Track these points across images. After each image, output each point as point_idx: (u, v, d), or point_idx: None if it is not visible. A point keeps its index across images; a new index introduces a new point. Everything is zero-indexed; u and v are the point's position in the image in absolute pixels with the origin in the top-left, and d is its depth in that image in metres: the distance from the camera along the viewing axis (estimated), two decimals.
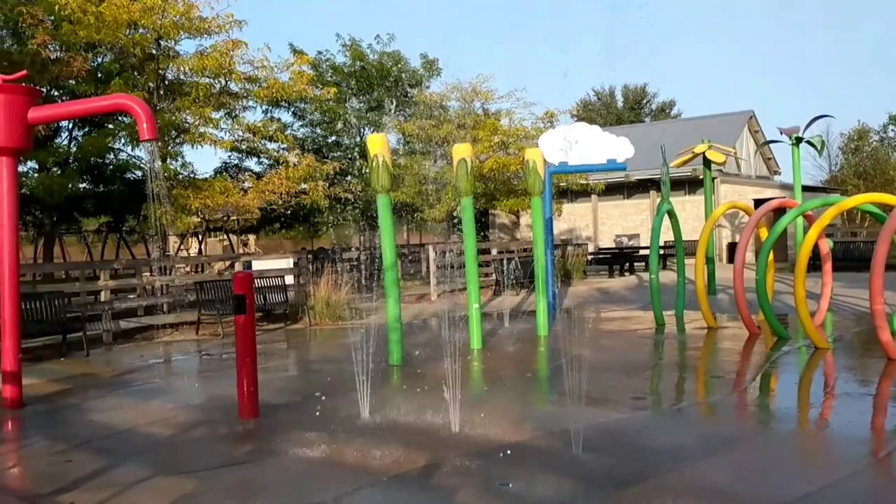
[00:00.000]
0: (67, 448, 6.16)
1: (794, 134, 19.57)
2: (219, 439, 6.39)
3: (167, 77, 17.04)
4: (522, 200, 23.47)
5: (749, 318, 10.84)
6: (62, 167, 16.02)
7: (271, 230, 31.06)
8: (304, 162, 18.65)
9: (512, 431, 6.07)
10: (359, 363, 6.93)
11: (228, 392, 7.36)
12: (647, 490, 4.75)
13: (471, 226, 10.69)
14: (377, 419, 6.66)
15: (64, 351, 11.27)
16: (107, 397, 8.28)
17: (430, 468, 5.27)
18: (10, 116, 7.54)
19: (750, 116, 35.46)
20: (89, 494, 4.97)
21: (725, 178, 29.90)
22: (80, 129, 17.38)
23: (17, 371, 7.81)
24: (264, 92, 17.66)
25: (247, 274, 7.45)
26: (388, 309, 9.71)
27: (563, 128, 15.99)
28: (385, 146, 9.78)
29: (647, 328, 12.16)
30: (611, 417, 6.49)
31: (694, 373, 9.18)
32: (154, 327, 13.57)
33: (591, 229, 32.70)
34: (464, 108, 25.30)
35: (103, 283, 13.38)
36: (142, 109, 7.30)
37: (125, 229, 24.89)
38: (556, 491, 4.76)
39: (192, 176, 17.85)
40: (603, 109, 59.94)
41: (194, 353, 11.65)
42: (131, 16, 14.74)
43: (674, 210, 12.71)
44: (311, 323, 14.26)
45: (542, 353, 10.54)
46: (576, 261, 22.77)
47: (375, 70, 28.92)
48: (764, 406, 7.38)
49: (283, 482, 5.14)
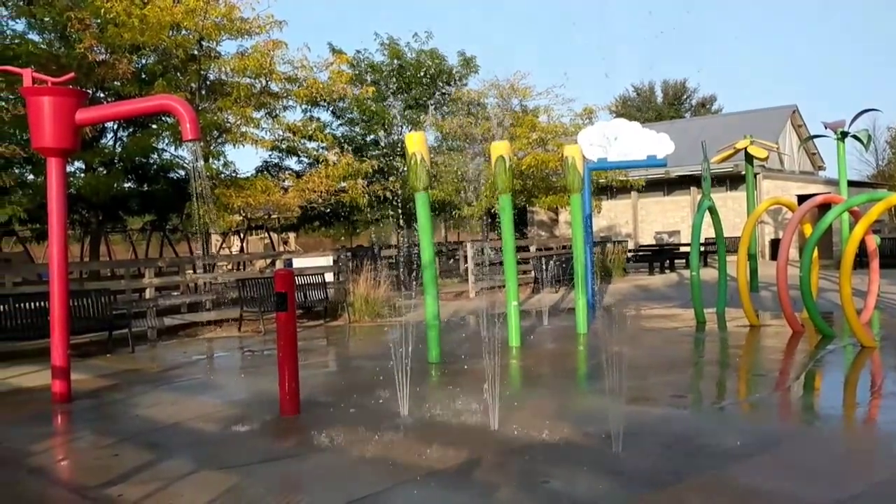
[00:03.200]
0: (115, 442, 6.30)
1: (839, 128, 19.16)
2: (261, 435, 6.49)
3: (209, 77, 17.28)
4: (561, 197, 23.38)
5: (793, 316, 10.67)
6: (108, 167, 16.34)
7: (311, 228, 31.30)
8: (344, 160, 18.77)
9: (551, 429, 6.06)
10: (397, 360, 6.98)
11: (270, 388, 7.46)
12: (687, 489, 4.71)
13: (509, 223, 10.68)
14: (416, 416, 6.71)
15: (110, 347, 11.51)
16: (152, 392, 8.45)
17: (469, 465, 5.29)
18: (59, 118, 7.73)
19: (793, 111, 34.83)
20: (136, 488, 5.09)
21: (768, 173, 29.42)
22: (125, 129, 17.70)
23: (66, 366, 8.02)
24: (304, 91, 17.81)
25: (288, 271, 7.55)
26: (427, 306, 9.75)
27: (603, 124, 15.91)
28: (423, 144, 9.82)
29: (687, 326, 12.04)
30: (651, 415, 6.44)
31: (735, 371, 9.06)
32: (197, 324, 13.81)
33: (630, 226, 32.44)
34: (502, 105, 25.26)
35: (148, 280, 13.65)
36: (185, 110, 7.42)
37: (169, 228, 25.29)
38: (595, 489, 4.75)
39: (233, 175, 18.09)
40: (642, 105, 59.29)
41: (236, 350, 11.82)
42: (174, 18, 14.97)
43: (715, 206, 12.55)
44: (350, 320, 14.38)
45: (581, 351, 10.50)
46: (615, 258, 22.61)
47: (413, 68, 28.99)
48: (808, 405, 7.26)
49: (323, 478, 5.20)
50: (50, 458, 6.09)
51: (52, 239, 8.12)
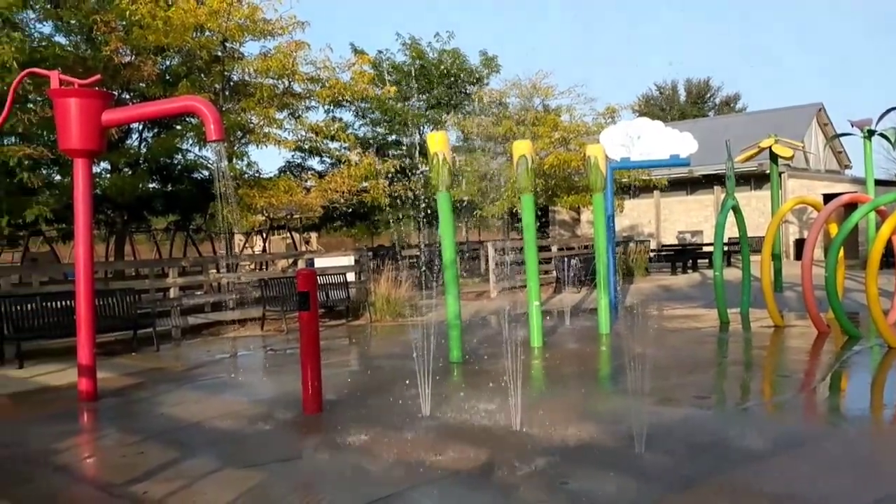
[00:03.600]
0: (140, 440, 6.37)
1: (865, 126, 18.94)
2: (284, 433, 6.54)
3: (232, 78, 17.41)
4: (583, 197, 23.30)
5: (818, 317, 10.55)
6: (133, 168, 16.51)
7: (333, 228, 31.43)
8: (366, 160, 18.82)
9: (573, 429, 6.05)
10: (419, 360, 6.99)
11: (293, 387, 7.51)
12: (710, 490, 4.68)
13: (531, 223, 10.66)
14: (438, 416, 6.72)
15: (135, 346, 11.63)
16: (176, 391, 8.54)
17: (491, 465, 5.29)
18: (86, 120, 7.82)
19: (819, 109, 34.42)
20: (161, 485, 5.14)
21: (793, 172, 29.10)
22: (150, 130, 17.87)
23: (92, 365, 8.11)
24: (326, 92, 17.88)
25: (310, 271, 7.58)
26: (448, 306, 9.75)
27: (625, 123, 15.84)
28: (445, 144, 9.82)
29: (711, 326, 11.95)
30: (674, 416, 6.40)
31: (760, 372, 8.98)
32: (220, 323, 13.92)
33: (653, 226, 32.24)
34: (523, 104, 25.22)
35: (172, 280, 13.79)
36: (209, 111, 7.48)
37: (192, 228, 25.50)
38: (617, 489, 4.73)
39: (257, 175, 18.20)
40: (665, 104, 58.89)
41: (259, 349, 11.90)
42: (198, 19, 15.09)
43: (739, 206, 12.44)
44: (372, 319, 14.42)
45: (603, 351, 10.45)
46: (638, 258, 22.49)
47: (435, 68, 29.03)
48: (834, 406, 7.18)
49: (346, 477, 5.22)
50: (76, 456, 6.17)
51: (79, 239, 8.22)
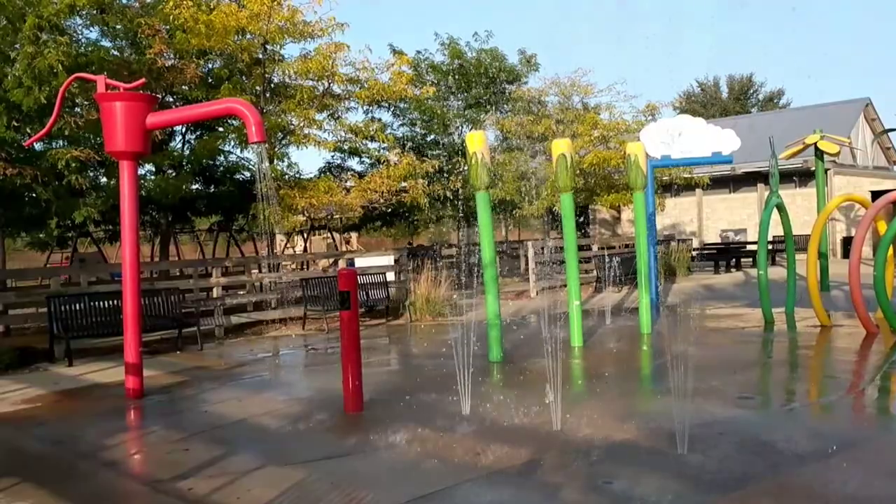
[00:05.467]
0: (185, 437, 6.48)
1: None
2: (325, 431, 6.59)
3: (273, 80, 17.59)
4: (623, 195, 23.07)
5: (866, 316, 10.31)
6: (176, 170, 16.78)
7: (372, 228, 31.58)
8: (405, 161, 18.87)
9: (615, 429, 6.00)
10: (459, 359, 7.00)
11: (334, 385, 7.56)
12: (754, 493, 4.61)
13: (570, 222, 10.59)
14: (478, 415, 6.71)
15: (179, 345, 11.82)
16: (220, 389, 8.66)
17: (532, 464, 5.27)
18: (131, 122, 7.97)
19: (866, 104, 33.62)
20: (206, 482, 5.22)
21: (839, 169, 28.48)
22: (193, 132, 18.14)
23: (138, 363, 8.27)
24: (365, 93, 17.96)
25: (351, 271, 7.64)
26: (488, 305, 9.74)
27: (666, 120, 15.62)
28: (483, 143, 9.81)
29: (755, 326, 11.75)
30: (717, 417, 6.32)
31: (805, 372, 8.82)
32: (263, 322, 14.08)
33: (695, 224, 31.81)
34: (562, 102, 25.07)
35: (215, 280, 13.99)
36: (251, 113, 7.57)
37: (235, 228, 25.83)
38: (660, 490, 4.68)
39: (297, 176, 18.36)
40: (707, 101, 58.06)
41: (301, 348, 12.02)
42: (239, 23, 15.28)
43: (783, 203, 12.21)
44: (412, 319, 14.47)
45: (645, 351, 10.35)
46: (680, 256, 22.21)
47: (473, 68, 29.00)
48: (883, 409, 7.02)
49: (387, 475, 5.25)
50: (124, 452, 6.30)
51: (125, 240, 8.38)
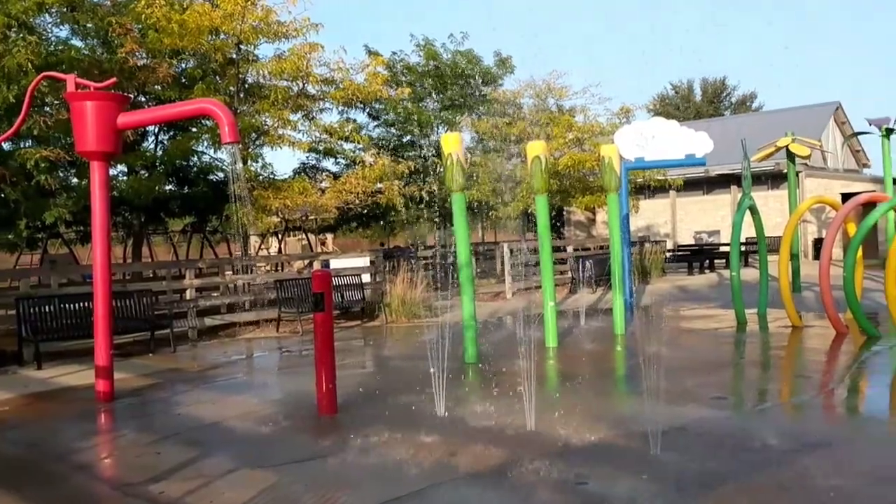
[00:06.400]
0: (157, 440, 6.40)
1: (884, 125, 18.73)
2: (299, 434, 6.55)
3: (247, 81, 17.47)
4: (598, 197, 23.20)
5: (836, 317, 10.45)
6: (149, 170, 16.60)
7: (348, 229, 31.47)
8: (380, 162, 18.84)
9: (589, 430, 6.02)
10: (434, 360, 6.98)
11: (308, 388, 7.52)
12: (728, 492, 4.65)
13: (545, 223, 10.63)
14: (453, 416, 6.71)
15: (152, 347, 11.69)
16: (193, 391, 8.58)
17: (507, 465, 5.27)
18: (101, 122, 7.87)
19: (836, 108, 34.12)
20: (178, 485, 5.16)
21: (811, 171, 28.88)
22: (166, 133, 17.97)
23: (109, 365, 8.17)
24: (340, 93, 17.91)
25: (325, 272, 7.60)
26: (463, 306, 9.75)
27: (640, 123, 15.74)
28: (459, 145, 9.82)
29: (728, 327, 11.87)
30: (690, 417, 6.36)
31: (778, 372, 8.91)
32: (236, 324, 13.98)
33: (669, 226, 32.07)
34: (538, 105, 25.16)
35: (188, 281, 13.86)
36: (224, 113, 7.51)
37: (208, 229, 25.61)
38: (633, 491, 4.70)
39: (271, 177, 18.25)
40: (681, 103, 58.58)
41: (275, 350, 11.94)
42: (212, 22, 15.17)
43: (756, 205, 12.35)
44: (387, 320, 14.43)
45: (618, 352, 10.41)
46: (654, 258, 22.39)
47: (449, 69, 29.00)
48: (853, 408, 7.12)
49: (361, 477, 5.23)
50: (94, 456, 6.21)
51: (96, 241, 8.27)
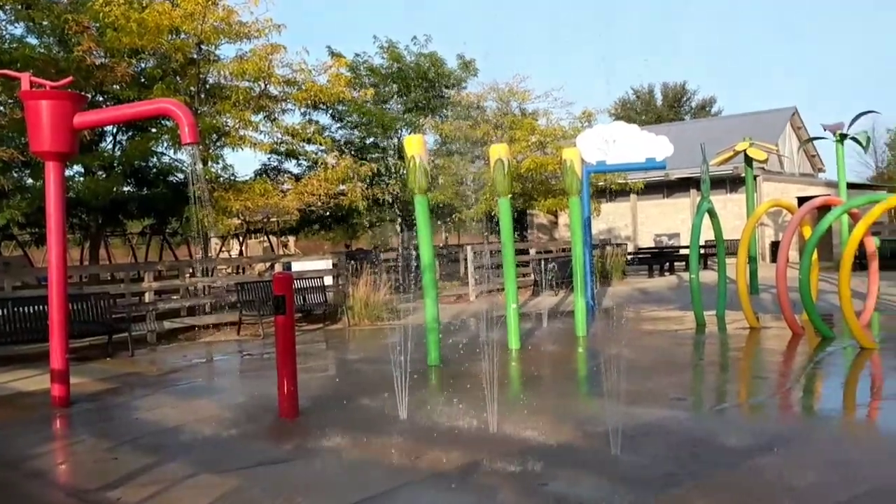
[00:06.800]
0: (114, 445, 6.29)
1: (838, 130, 19.17)
2: (260, 438, 6.48)
3: (208, 81, 17.29)
4: (560, 200, 23.38)
5: (792, 318, 10.66)
6: (107, 171, 16.35)
7: (310, 231, 31.30)
8: (343, 163, 18.77)
9: (550, 431, 6.06)
10: (397, 363, 6.97)
11: (269, 391, 7.46)
12: (687, 491, 4.71)
13: (508, 226, 10.68)
14: (415, 419, 6.69)
15: (110, 351, 11.50)
16: (152, 396, 8.45)
17: (469, 468, 5.28)
18: (57, 122, 7.73)
19: (793, 113, 34.83)
20: (135, 491, 5.08)
21: (768, 176, 29.42)
22: (124, 133, 17.71)
23: (64, 370, 8.00)
24: (303, 95, 17.81)
25: (287, 275, 7.55)
26: (426, 309, 9.74)
27: (601, 127, 15.90)
28: (422, 147, 9.81)
29: (687, 328, 12.03)
30: (651, 418, 6.43)
31: (736, 373, 9.06)
32: (196, 328, 13.81)
33: (630, 229, 32.43)
34: (501, 108, 25.27)
35: (147, 284, 13.65)
36: (184, 113, 7.42)
37: (168, 231, 25.30)
38: (594, 491, 4.74)
39: (232, 178, 18.09)
40: (642, 108, 59.33)
41: (236, 353, 11.82)
42: (172, 22, 14.99)
43: (714, 209, 12.55)
44: (350, 323, 14.37)
45: (580, 354, 10.49)
46: (615, 261, 22.59)
47: (412, 71, 29.00)
48: (808, 407, 7.25)
49: (323, 480, 5.20)
50: (49, 462, 6.08)
51: (51, 243, 8.11)
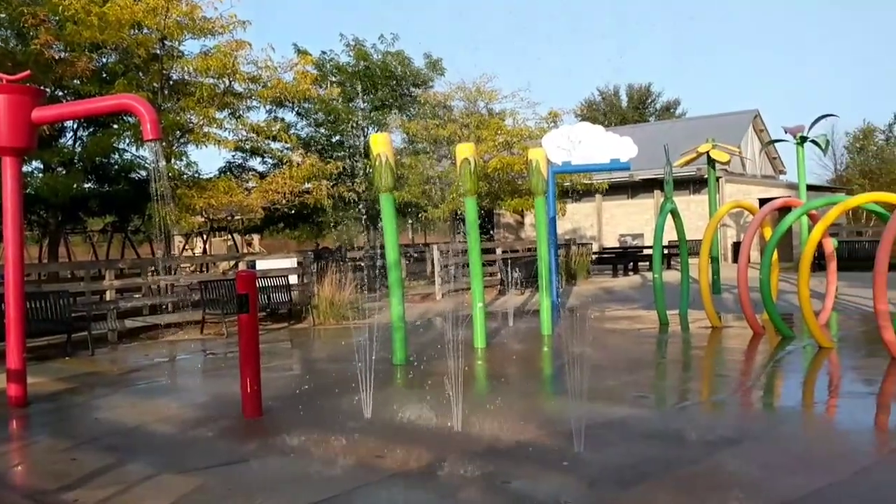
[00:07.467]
0: (72, 446, 6.18)
1: (798, 133, 19.53)
2: (223, 437, 6.42)
3: (171, 77, 17.06)
4: (527, 200, 23.47)
5: (753, 318, 10.82)
6: (67, 167, 16.05)
7: (275, 230, 31.04)
8: (308, 161, 18.66)
9: (515, 429, 6.08)
10: (362, 362, 6.94)
11: (232, 391, 7.38)
12: (650, 488, 4.75)
13: (475, 225, 10.69)
14: (380, 418, 6.67)
15: (69, 350, 11.29)
16: (112, 395, 8.31)
17: (433, 466, 5.28)
18: (14, 116, 7.56)
19: (755, 115, 35.31)
20: (93, 492, 4.99)
21: (730, 177, 29.81)
22: (85, 129, 17.40)
23: (21, 369, 7.84)
24: (268, 92, 17.66)
25: (250, 273, 7.48)
26: (392, 308, 9.72)
27: (567, 127, 15.99)
28: (388, 145, 9.79)
29: (650, 327, 12.15)
30: (614, 416, 6.49)
31: (698, 371, 9.17)
32: (159, 326, 13.62)
33: (595, 229, 32.65)
34: (468, 107, 25.31)
35: (108, 282, 13.43)
36: (146, 109, 7.31)
37: (130, 229, 24.90)
38: (558, 489, 4.76)
39: (196, 176, 17.88)
40: (607, 109, 59.80)
41: (199, 352, 11.68)
42: (134, 16, 14.76)
43: (677, 209, 12.69)
44: (315, 322, 14.29)
45: (545, 352, 10.54)
46: (580, 260, 22.74)
47: (379, 70, 28.91)
48: (768, 405, 7.38)
49: (286, 480, 5.15)
50: (4, 463, 5.95)
51: (8, 240, 7.94)
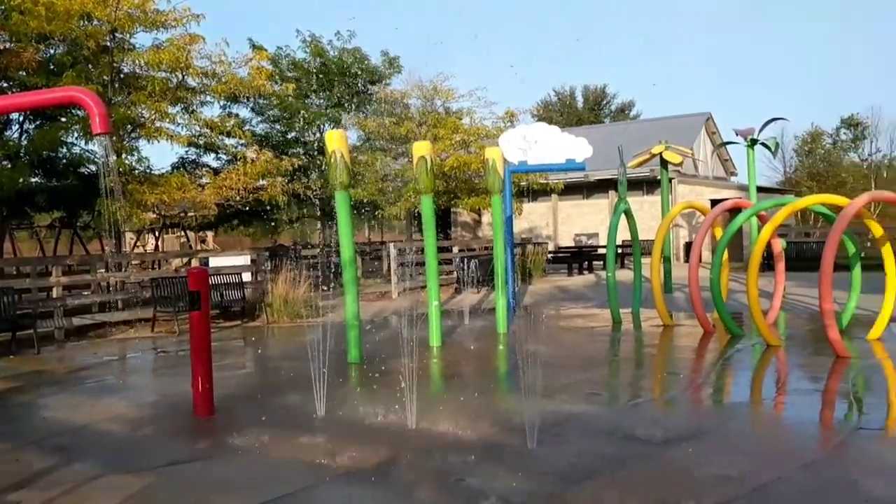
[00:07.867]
0: (17, 446, 6.03)
1: (749, 136, 19.86)
2: (173, 436, 6.32)
3: (122, 70, 16.72)
4: (484, 199, 23.52)
5: (704, 316, 11.00)
6: (12, 161, 15.63)
7: (229, 227, 30.63)
8: (262, 158, 18.47)
9: (469, 427, 6.09)
10: (316, 361, 6.89)
11: (184, 389, 7.26)
12: (601, 484, 4.80)
13: (431, 223, 10.68)
14: (333, 416, 6.63)
15: (14, 348, 11.01)
16: (59, 395, 8.13)
17: (387, 464, 5.26)
18: None
19: (707, 118, 35.90)
20: (37, 493, 4.87)
21: (683, 178, 30.26)
22: (32, 122, 16.98)
23: None
24: (222, 87, 17.43)
25: (201, 270, 7.38)
26: (347, 306, 9.67)
27: (523, 127, 16.08)
28: (343, 142, 9.73)
29: (604, 325, 12.28)
30: (567, 413, 6.54)
31: (650, 369, 9.29)
32: (108, 324, 13.35)
33: (550, 228, 32.89)
34: (425, 105, 25.29)
35: (55, 279, 13.13)
36: (94, 102, 7.07)
37: (79, 225, 24.37)
38: (511, 486, 4.78)
39: (148, 171, 17.57)
40: (563, 110, 60.26)
41: (149, 351, 11.48)
42: (84, 7, 14.44)
43: (631, 210, 12.85)
44: (269, 320, 14.14)
45: (500, 350, 10.58)
46: (536, 259, 22.88)
47: (336, 66, 28.72)
48: (718, 402, 7.50)
49: (238, 479, 5.09)
50: None
51: None
